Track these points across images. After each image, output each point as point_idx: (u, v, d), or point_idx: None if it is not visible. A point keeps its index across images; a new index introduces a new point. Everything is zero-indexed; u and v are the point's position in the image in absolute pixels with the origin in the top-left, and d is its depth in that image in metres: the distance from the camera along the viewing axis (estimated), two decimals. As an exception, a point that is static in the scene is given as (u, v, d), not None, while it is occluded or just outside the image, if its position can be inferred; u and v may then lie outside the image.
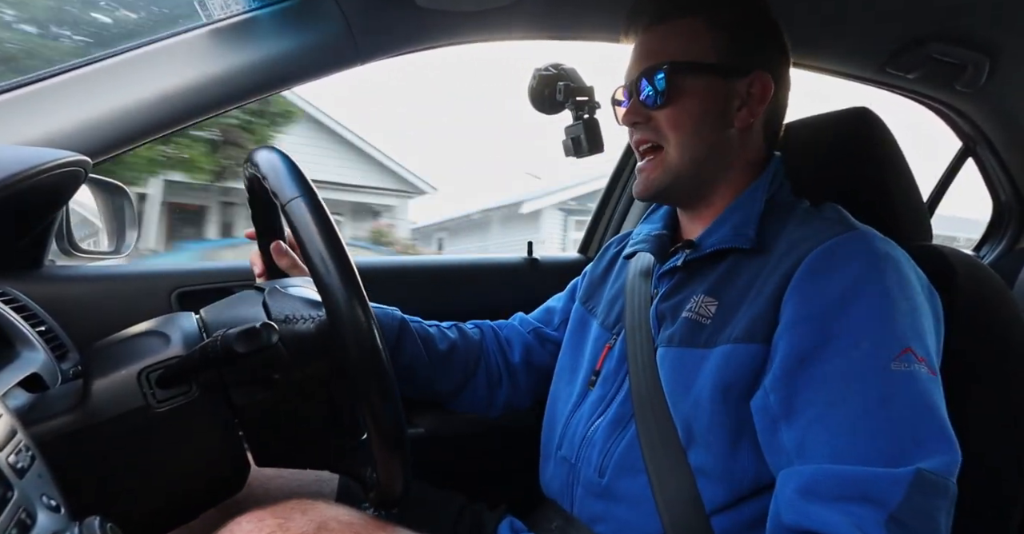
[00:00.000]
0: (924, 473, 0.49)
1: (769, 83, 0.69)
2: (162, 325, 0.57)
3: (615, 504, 0.66)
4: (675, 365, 0.65)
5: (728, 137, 0.70)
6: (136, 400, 0.51)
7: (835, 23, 1.03)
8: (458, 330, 0.88)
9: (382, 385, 0.49)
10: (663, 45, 0.70)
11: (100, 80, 0.76)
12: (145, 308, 0.87)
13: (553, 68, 0.97)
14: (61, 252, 0.91)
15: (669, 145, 0.69)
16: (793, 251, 0.61)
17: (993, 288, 0.74)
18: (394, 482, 0.51)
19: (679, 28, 0.69)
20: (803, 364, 0.55)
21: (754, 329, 0.59)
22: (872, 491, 0.49)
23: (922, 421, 0.51)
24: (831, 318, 0.55)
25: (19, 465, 0.41)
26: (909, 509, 0.48)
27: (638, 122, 0.70)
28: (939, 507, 0.49)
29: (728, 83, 0.68)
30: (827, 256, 0.58)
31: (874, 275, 0.56)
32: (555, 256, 1.34)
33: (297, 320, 0.56)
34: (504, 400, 0.88)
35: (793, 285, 0.58)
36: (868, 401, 0.52)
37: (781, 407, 0.55)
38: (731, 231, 0.67)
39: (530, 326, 0.91)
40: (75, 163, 0.63)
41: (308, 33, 0.84)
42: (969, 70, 1.14)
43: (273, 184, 0.53)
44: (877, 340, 0.54)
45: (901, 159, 0.79)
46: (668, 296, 0.70)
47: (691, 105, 0.68)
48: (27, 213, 0.72)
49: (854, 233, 0.60)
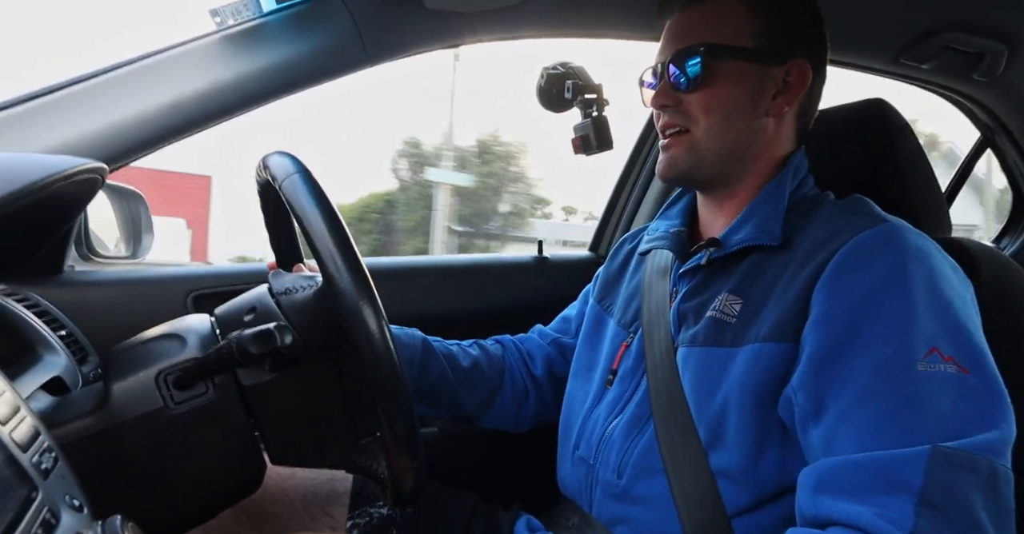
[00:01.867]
0: (941, 448, 0.47)
1: (808, 72, 0.67)
2: (178, 328, 0.58)
3: (634, 506, 0.65)
4: (699, 365, 0.63)
5: (759, 126, 0.67)
6: (154, 402, 0.52)
7: (847, 13, 1.01)
8: (479, 347, 0.88)
9: (384, 354, 0.49)
10: (700, 26, 0.67)
11: (115, 88, 0.77)
12: (162, 311, 0.89)
13: (561, 66, 0.97)
14: (80, 257, 0.92)
15: (698, 129, 0.67)
16: (822, 248, 0.59)
17: (1016, 280, 0.73)
18: (408, 480, 0.52)
19: (718, 9, 0.67)
20: (829, 362, 0.54)
21: (783, 327, 0.58)
22: (891, 474, 0.47)
23: (942, 412, 0.49)
24: (858, 315, 0.54)
25: (43, 466, 0.42)
26: (936, 488, 0.46)
27: (667, 105, 0.68)
28: (967, 481, 0.46)
29: (764, 69, 0.66)
30: (856, 252, 0.57)
31: (904, 271, 0.55)
32: (565, 254, 1.34)
33: (296, 290, 0.57)
34: (532, 414, 0.87)
35: (822, 282, 0.57)
36: (894, 400, 0.50)
37: (808, 405, 0.54)
38: (756, 228, 0.65)
39: (550, 337, 0.90)
40: (93, 170, 0.65)
41: (318, 37, 0.85)
42: (987, 59, 1.11)
43: (272, 170, 0.54)
44: (904, 338, 0.52)
45: (918, 151, 0.78)
46: (691, 295, 0.68)
47: (724, 90, 0.66)
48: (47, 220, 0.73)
49: (884, 226, 0.58)
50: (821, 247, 0.59)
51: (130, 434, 0.52)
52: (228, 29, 0.82)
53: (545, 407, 0.87)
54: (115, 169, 0.77)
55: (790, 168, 0.68)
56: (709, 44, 0.65)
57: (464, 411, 0.84)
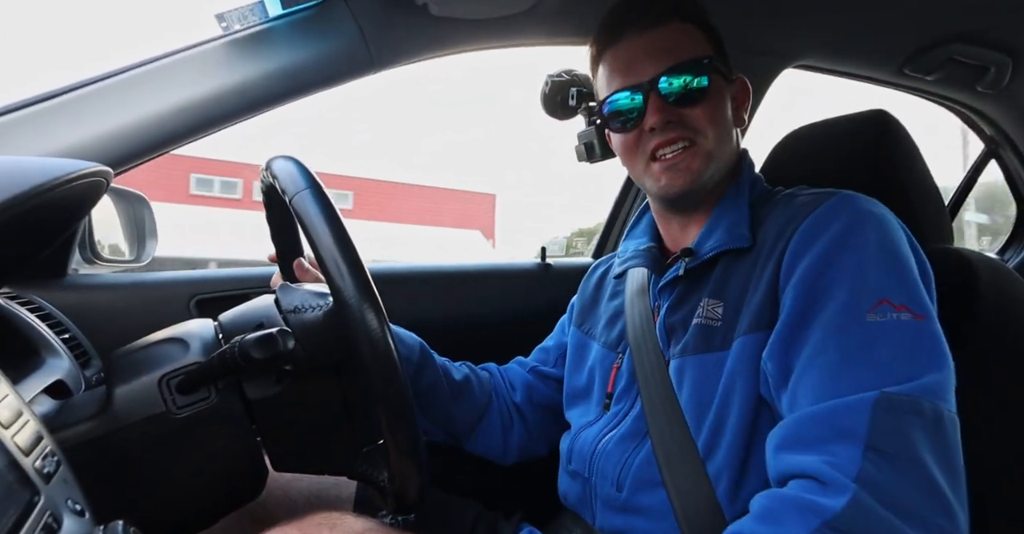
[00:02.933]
0: (888, 394, 0.48)
1: (748, 85, 0.73)
2: (181, 332, 0.58)
3: (636, 517, 0.65)
4: (696, 373, 0.64)
5: (736, 135, 0.72)
6: (157, 406, 0.52)
7: (852, 24, 1.02)
8: (469, 367, 0.89)
9: (390, 370, 0.49)
10: (677, 42, 0.68)
11: (121, 92, 0.78)
12: (165, 315, 0.89)
13: (566, 74, 0.98)
14: (84, 261, 0.92)
15: (707, 140, 0.67)
16: (782, 235, 0.61)
17: (1018, 291, 0.73)
18: (410, 489, 0.51)
19: (682, 31, 0.69)
20: (793, 329, 0.56)
21: (761, 317, 0.59)
22: (839, 422, 0.49)
23: (888, 357, 0.51)
24: (815, 279, 0.56)
25: (46, 470, 0.41)
26: (880, 433, 0.47)
27: (671, 121, 0.67)
28: (912, 424, 0.47)
29: (727, 85, 0.71)
30: (812, 225, 0.59)
31: (854, 230, 0.57)
32: (569, 261, 1.34)
33: (306, 309, 0.57)
34: (517, 443, 0.87)
35: (787, 263, 0.59)
36: (846, 350, 0.52)
37: (778, 373, 0.56)
38: (727, 233, 0.67)
39: (528, 366, 0.91)
40: (97, 173, 0.65)
41: (323, 42, 0.85)
42: (992, 71, 1.12)
43: (282, 182, 0.54)
44: (853, 292, 0.54)
45: (920, 161, 0.78)
46: (675, 308, 0.69)
47: (720, 102, 0.69)
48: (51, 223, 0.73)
49: (836, 198, 0.61)
50: (781, 234, 0.62)
51: (132, 438, 0.52)
52: (234, 34, 0.83)
53: (531, 437, 0.88)
54: (120, 173, 0.78)
55: (745, 171, 0.72)
56: (705, 57, 0.67)
57: (452, 427, 0.84)
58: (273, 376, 0.54)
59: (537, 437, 0.88)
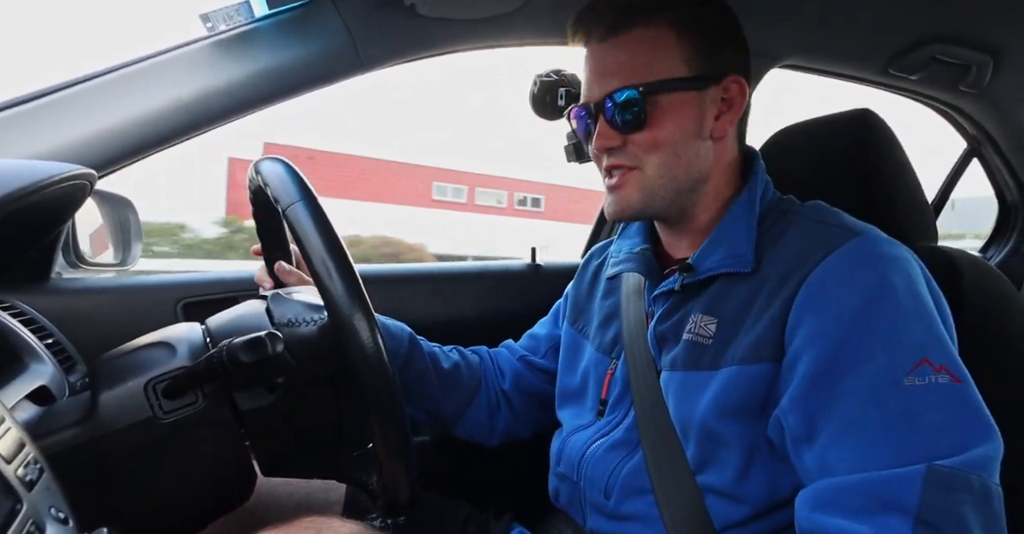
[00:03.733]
0: (936, 467, 0.47)
1: (744, 86, 0.65)
2: (168, 336, 0.57)
3: (625, 523, 0.65)
4: (680, 390, 0.63)
5: (706, 149, 0.65)
6: (143, 411, 0.52)
7: (837, 24, 1.03)
8: (459, 353, 0.88)
9: (386, 387, 0.49)
10: (626, 60, 0.62)
11: (105, 93, 0.77)
12: (151, 319, 0.88)
13: (554, 74, 0.98)
14: (68, 265, 0.91)
15: (647, 167, 0.64)
16: (796, 267, 0.58)
17: (1000, 290, 0.74)
18: (400, 491, 0.51)
19: (643, 39, 0.62)
20: (818, 384, 0.53)
21: (760, 349, 0.57)
22: (887, 494, 0.47)
23: (935, 427, 0.49)
24: (844, 335, 0.53)
25: (28, 478, 0.41)
26: (932, 508, 0.46)
27: (612, 147, 0.64)
28: (961, 501, 0.46)
29: (703, 93, 0.63)
30: (835, 269, 0.56)
31: (885, 284, 0.54)
32: (559, 262, 1.34)
33: (300, 323, 0.56)
34: (503, 427, 0.87)
35: (802, 302, 0.56)
36: (886, 418, 0.50)
37: (801, 428, 0.54)
38: (728, 253, 0.63)
39: (518, 353, 0.90)
40: (81, 176, 0.64)
41: (311, 43, 0.85)
42: (973, 71, 1.14)
43: (274, 190, 0.53)
44: (891, 354, 0.51)
45: (905, 160, 0.79)
46: (665, 317, 0.67)
47: (669, 124, 0.62)
48: (34, 226, 0.72)
49: (858, 240, 0.57)
50: (795, 266, 0.58)
51: (118, 444, 0.51)
52: (219, 34, 0.82)
53: (516, 421, 0.88)
54: (104, 175, 0.77)
55: (755, 183, 0.66)
56: (645, 84, 0.61)
57: (440, 413, 0.84)
58: (265, 388, 0.54)
59: (523, 421, 0.88)
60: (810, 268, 0.57)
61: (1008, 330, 0.72)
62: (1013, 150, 1.38)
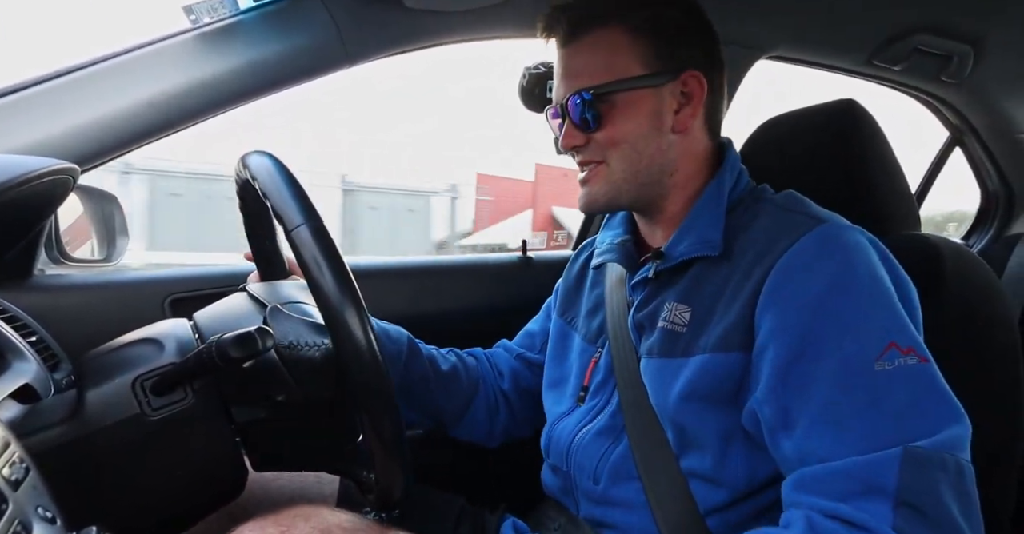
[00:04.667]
0: (912, 449, 0.48)
1: (702, 79, 0.66)
2: (155, 332, 0.56)
3: (614, 509, 0.66)
4: (656, 376, 0.64)
5: (669, 143, 0.67)
6: (131, 408, 0.51)
7: (821, 16, 1.04)
8: (456, 355, 0.88)
9: (385, 403, 0.49)
10: (585, 63, 0.66)
11: (88, 86, 0.75)
12: (138, 316, 0.87)
13: (543, 66, 0.98)
14: (51, 261, 0.90)
15: (611, 160, 0.67)
16: (763, 255, 0.59)
17: (982, 277, 0.75)
18: (394, 485, 0.51)
19: (598, 42, 0.65)
20: (789, 374, 0.54)
21: (729, 338, 0.58)
22: (866, 478, 0.48)
23: (907, 409, 0.51)
24: (809, 323, 0.54)
25: (13, 477, 0.40)
26: (910, 489, 0.47)
27: (578, 145, 0.68)
28: (938, 480, 0.48)
29: (659, 90, 0.65)
30: (798, 258, 0.57)
31: (846, 271, 0.55)
32: (549, 254, 1.34)
33: (302, 347, 0.55)
34: (503, 428, 0.87)
35: (767, 292, 0.57)
36: (858, 404, 0.51)
37: (776, 418, 0.55)
38: (697, 239, 0.65)
39: (515, 352, 0.91)
40: (63, 171, 0.63)
41: (296, 36, 0.84)
42: (954, 61, 1.15)
43: (276, 205, 0.51)
44: (858, 340, 0.53)
45: (888, 150, 0.80)
46: (643, 305, 0.69)
47: (626, 122, 0.65)
48: (15, 222, 0.71)
49: (821, 228, 0.59)
50: (762, 255, 0.59)
51: (106, 442, 0.51)
52: (203, 27, 0.81)
53: (515, 422, 0.88)
54: (87, 170, 0.75)
55: (725, 171, 0.68)
56: (596, 86, 0.64)
57: (440, 417, 0.84)
58: (263, 403, 0.54)
59: (521, 421, 0.88)
60: (775, 257, 0.58)
61: (989, 316, 0.74)
62: (994, 139, 1.41)
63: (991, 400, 0.68)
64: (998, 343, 0.73)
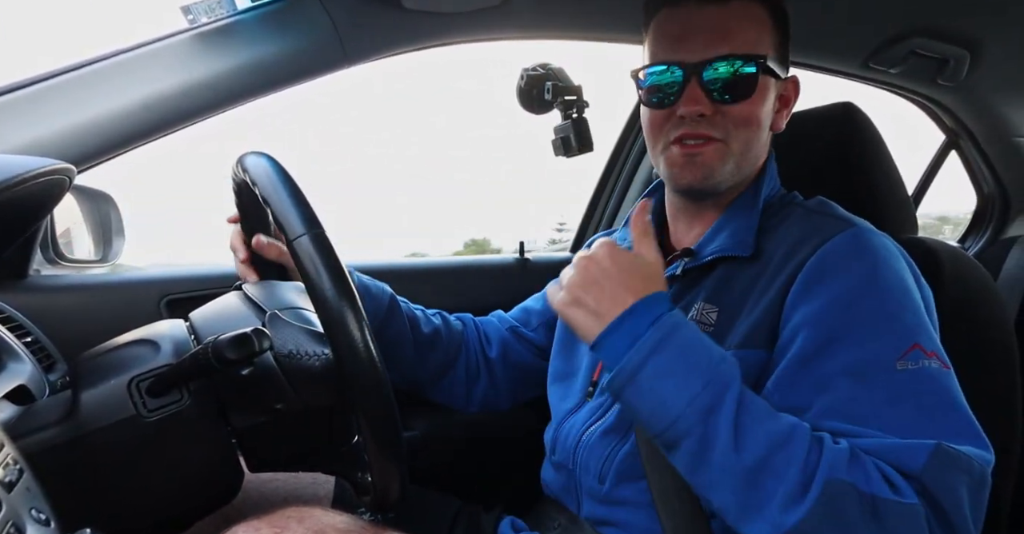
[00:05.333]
0: (945, 446, 0.48)
1: (799, 86, 0.68)
2: (151, 333, 0.56)
3: (619, 509, 0.66)
4: None
5: (766, 138, 0.68)
6: (126, 410, 0.51)
7: (818, 19, 1.04)
8: (442, 317, 0.88)
9: (384, 409, 0.48)
10: (736, 29, 0.62)
11: (84, 86, 0.75)
12: (134, 316, 0.86)
13: (541, 68, 0.98)
14: (46, 261, 0.89)
15: (733, 141, 0.64)
16: (792, 255, 0.60)
17: (978, 280, 0.75)
18: (390, 486, 0.51)
19: (745, 13, 0.62)
20: (809, 365, 0.54)
21: (755, 335, 0.59)
22: (893, 457, 0.48)
23: (936, 411, 0.51)
24: (836, 320, 0.54)
25: (7, 479, 0.40)
26: (930, 475, 0.47)
27: (705, 114, 0.62)
28: (960, 481, 0.48)
29: (779, 84, 0.66)
30: (828, 258, 0.58)
31: (876, 274, 0.56)
32: (546, 256, 1.34)
33: (302, 356, 0.55)
34: (481, 396, 0.87)
35: (796, 290, 0.57)
36: (878, 399, 0.51)
37: (785, 408, 0.54)
38: (731, 239, 0.65)
39: (508, 324, 0.90)
40: (59, 171, 0.62)
41: (294, 36, 0.84)
42: (950, 64, 1.15)
43: (278, 214, 0.51)
44: (882, 339, 0.53)
45: (886, 153, 0.80)
46: None
47: (761, 104, 0.64)
48: (11, 222, 0.71)
49: (852, 230, 0.59)
50: (791, 254, 0.60)
51: (101, 443, 0.50)
52: (201, 27, 0.80)
53: (496, 392, 0.88)
54: (83, 170, 0.75)
55: (768, 175, 0.69)
56: (758, 55, 0.62)
57: (415, 376, 0.84)
58: (261, 408, 0.53)
59: (502, 392, 0.88)
60: (806, 255, 0.59)
61: (986, 319, 0.74)
62: (990, 142, 1.41)
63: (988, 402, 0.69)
64: (995, 345, 0.73)
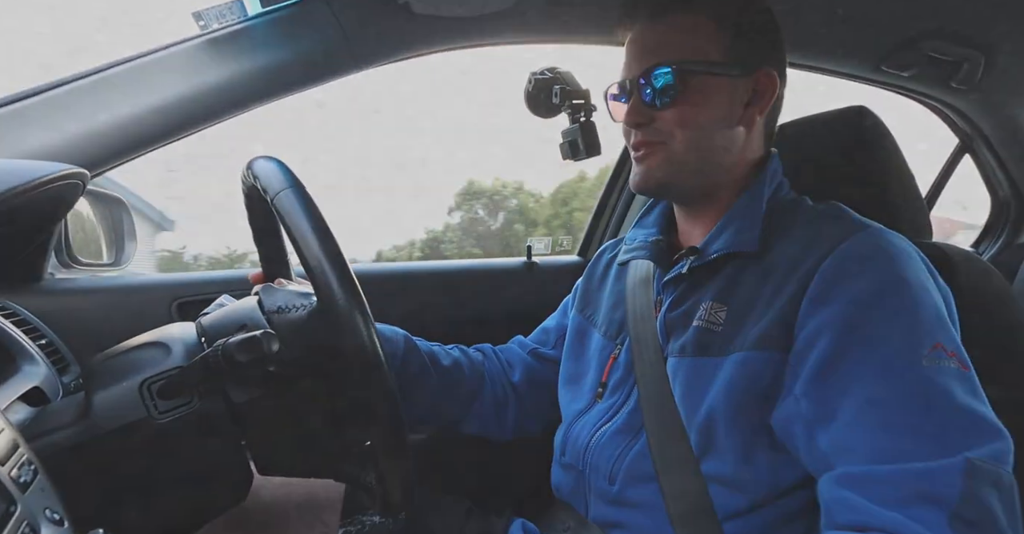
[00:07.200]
0: (974, 461, 0.47)
1: (775, 79, 0.68)
2: (162, 336, 0.57)
3: (628, 510, 0.66)
4: (689, 375, 0.64)
5: (733, 135, 0.68)
6: (138, 412, 0.51)
7: (830, 22, 1.03)
8: (460, 351, 0.88)
9: (376, 368, 0.49)
10: (667, 41, 0.67)
11: (98, 92, 0.76)
12: (146, 319, 0.87)
13: (549, 72, 0.98)
14: (60, 265, 0.91)
15: (674, 142, 0.67)
16: (804, 256, 0.60)
17: (994, 285, 0.74)
18: (398, 490, 0.51)
19: (684, 24, 0.66)
20: (834, 368, 0.54)
21: (767, 337, 0.58)
22: (928, 488, 0.47)
23: (960, 414, 0.50)
24: (858, 321, 0.54)
25: (22, 479, 0.41)
26: (969, 503, 0.46)
27: (641, 123, 0.68)
28: (991, 495, 0.47)
29: (735, 81, 0.67)
30: (846, 259, 0.57)
31: (896, 274, 0.56)
32: (553, 259, 1.34)
33: (289, 309, 0.57)
34: (513, 421, 0.87)
35: (815, 289, 0.57)
36: (904, 399, 0.51)
37: (815, 411, 0.54)
38: (734, 236, 0.65)
39: (528, 347, 0.91)
40: (73, 176, 0.63)
41: (304, 41, 0.84)
42: (965, 67, 1.14)
43: (263, 181, 0.53)
44: (906, 337, 0.53)
45: (899, 157, 0.79)
46: (676, 305, 0.68)
47: (698, 105, 0.66)
48: (26, 226, 0.72)
49: (867, 231, 0.60)
50: (803, 255, 0.60)
51: (113, 445, 0.51)
52: (212, 33, 0.81)
53: (526, 415, 0.88)
54: (97, 175, 0.76)
55: (767, 174, 0.69)
56: (680, 61, 0.65)
57: (443, 412, 0.84)
58: (257, 378, 0.54)
59: (532, 416, 0.88)
60: (822, 256, 0.58)
61: (1002, 324, 0.73)
62: (1004, 146, 1.39)
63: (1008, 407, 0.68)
64: (1011, 351, 0.72)
